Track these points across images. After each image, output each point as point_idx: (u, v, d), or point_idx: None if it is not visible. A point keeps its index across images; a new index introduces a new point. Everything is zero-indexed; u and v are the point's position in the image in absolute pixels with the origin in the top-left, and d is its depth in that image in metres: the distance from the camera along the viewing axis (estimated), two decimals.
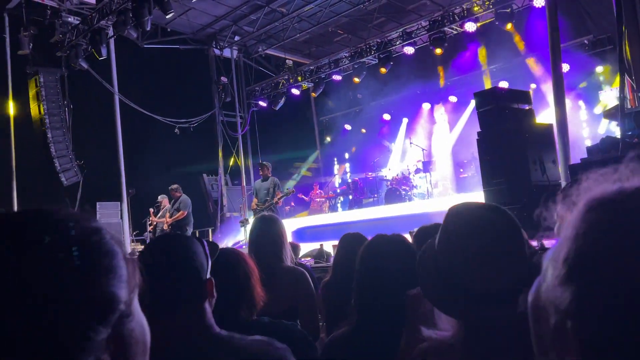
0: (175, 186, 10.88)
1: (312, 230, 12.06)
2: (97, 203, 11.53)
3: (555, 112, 7.13)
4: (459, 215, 1.23)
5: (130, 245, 11.96)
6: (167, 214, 10.81)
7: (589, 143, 10.08)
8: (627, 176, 0.61)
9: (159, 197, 11.21)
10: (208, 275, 1.41)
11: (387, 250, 1.82)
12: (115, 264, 0.66)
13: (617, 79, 6.32)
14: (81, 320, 0.60)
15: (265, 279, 1.93)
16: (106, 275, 0.64)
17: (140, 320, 0.69)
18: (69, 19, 11.82)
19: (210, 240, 1.62)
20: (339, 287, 2.73)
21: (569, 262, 0.58)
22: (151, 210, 11.24)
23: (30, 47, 11.36)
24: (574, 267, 0.57)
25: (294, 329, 1.82)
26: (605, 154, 5.11)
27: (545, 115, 10.18)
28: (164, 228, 10.74)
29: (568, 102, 8.81)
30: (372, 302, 1.73)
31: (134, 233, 12.47)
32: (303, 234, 11.82)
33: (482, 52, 14.23)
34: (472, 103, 10.32)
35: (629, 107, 6.36)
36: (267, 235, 2.96)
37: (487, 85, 13.15)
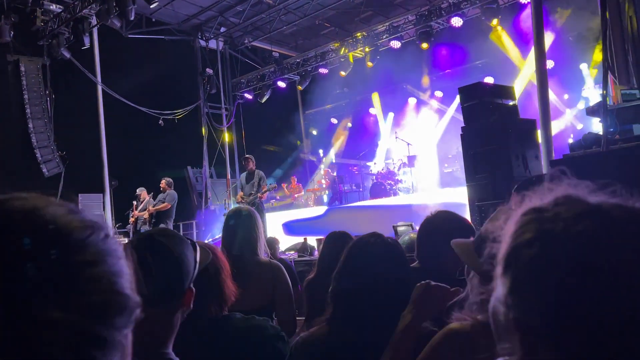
0: (169, 180, 10.78)
1: (300, 224, 12.01)
2: (79, 195, 11.35)
3: (539, 107, 7.18)
4: None
5: None
6: (149, 206, 10.72)
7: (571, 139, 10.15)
8: (548, 191, 0.70)
9: (138, 190, 11.10)
10: (191, 284, 1.35)
11: (373, 251, 1.77)
12: (123, 265, 0.65)
13: (601, 75, 6.36)
14: (110, 324, 0.59)
15: (236, 274, 1.89)
16: (121, 277, 0.63)
17: None
18: (51, 7, 11.57)
19: (199, 242, 1.54)
20: (323, 285, 2.71)
21: (504, 259, 0.64)
22: (134, 203, 11.14)
23: (11, 35, 11.12)
24: (507, 261, 0.63)
25: (266, 325, 1.79)
26: (587, 150, 5.13)
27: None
28: (145, 217, 10.65)
29: (552, 98, 8.87)
30: (349, 300, 1.71)
31: (117, 225, 12.33)
32: (292, 228, 11.79)
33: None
34: (458, 98, 10.33)
35: (612, 103, 6.40)
36: (240, 229, 2.89)
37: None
